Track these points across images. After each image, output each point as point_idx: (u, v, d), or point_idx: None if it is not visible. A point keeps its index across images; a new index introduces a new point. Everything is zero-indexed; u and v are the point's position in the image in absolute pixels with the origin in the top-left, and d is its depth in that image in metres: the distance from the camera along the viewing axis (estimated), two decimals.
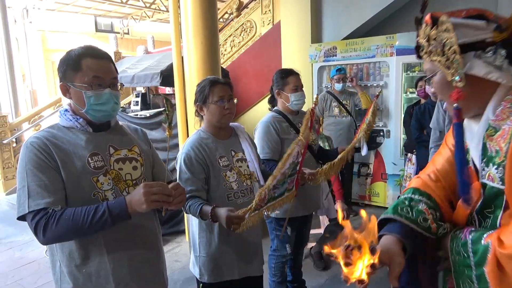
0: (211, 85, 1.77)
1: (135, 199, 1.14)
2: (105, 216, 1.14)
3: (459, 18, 0.89)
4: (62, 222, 1.13)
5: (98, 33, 13.26)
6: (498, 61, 0.86)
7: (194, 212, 1.62)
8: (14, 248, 4.09)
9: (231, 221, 1.48)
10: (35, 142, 1.20)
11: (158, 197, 1.14)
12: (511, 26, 0.86)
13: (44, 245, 1.22)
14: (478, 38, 0.88)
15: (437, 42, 0.90)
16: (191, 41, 3.19)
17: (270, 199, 1.58)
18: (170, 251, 3.74)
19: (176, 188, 1.20)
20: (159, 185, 1.16)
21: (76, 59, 1.23)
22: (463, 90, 0.87)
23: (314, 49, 4.89)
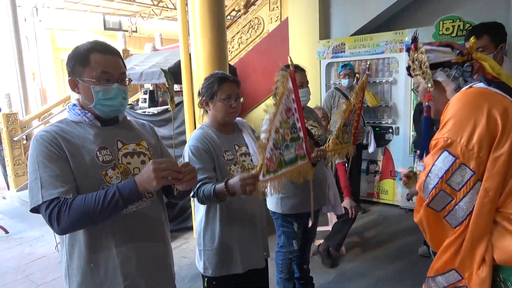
0: (220, 83, 1.76)
1: (144, 177, 1.13)
2: (116, 198, 1.13)
3: (433, 46, 1.37)
4: (74, 209, 1.12)
5: (107, 31, 13.33)
6: (457, 73, 1.32)
7: (208, 194, 1.57)
8: (24, 244, 4.14)
9: (245, 182, 1.41)
10: (45, 135, 1.20)
11: (167, 173, 1.12)
12: (468, 53, 1.33)
13: (61, 234, 1.21)
14: (446, 59, 1.34)
15: (417, 62, 1.38)
16: (199, 38, 3.19)
17: (282, 163, 1.51)
18: (178, 247, 3.76)
19: (186, 166, 1.19)
20: (168, 161, 1.15)
21: (85, 54, 1.24)
22: (432, 94, 1.38)
23: (322, 46, 4.86)
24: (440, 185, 1.16)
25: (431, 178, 1.18)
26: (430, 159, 1.20)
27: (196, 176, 1.23)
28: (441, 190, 1.16)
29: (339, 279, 3.04)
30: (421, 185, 1.23)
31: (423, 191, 1.22)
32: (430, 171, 1.18)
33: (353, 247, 3.58)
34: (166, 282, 1.44)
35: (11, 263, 3.67)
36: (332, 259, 3.28)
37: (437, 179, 1.16)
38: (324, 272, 3.15)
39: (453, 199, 1.16)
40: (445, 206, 1.18)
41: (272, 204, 2.42)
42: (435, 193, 1.17)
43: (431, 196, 1.18)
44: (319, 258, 3.33)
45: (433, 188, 1.17)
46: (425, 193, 1.21)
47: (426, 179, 1.20)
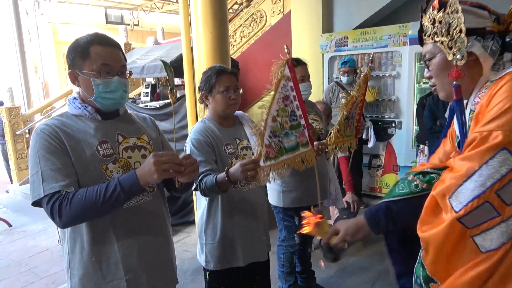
0: (218, 75, 1.75)
1: (145, 170, 1.13)
2: (117, 191, 1.13)
3: (465, 5, 1.00)
4: (76, 202, 1.12)
5: (109, 25, 13.30)
6: (494, 46, 0.99)
7: (210, 185, 1.56)
8: (27, 237, 4.17)
9: (246, 168, 1.42)
10: (45, 129, 1.20)
11: (168, 166, 1.11)
12: (507, 21, 1.00)
13: (63, 228, 1.21)
14: (480, 25, 1.00)
15: (442, 24, 1.00)
16: (201, 32, 3.16)
17: (282, 150, 1.50)
18: (180, 241, 3.77)
19: (187, 158, 1.18)
20: (169, 154, 1.15)
21: (85, 47, 1.22)
22: (461, 69, 0.98)
23: (325, 39, 4.82)
24: (488, 194, 0.84)
25: (474, 185, 0.86)
26: (471, 160, 0.87)
27: (198, 168, 1.23)
28: (487, 202, 0.85)
29: (340, 273, 3.05)
30: (447, 192, 0.90)
31: (452, 198, 0.89)
32: (473, 175, 0.86)
33: (355, 241, 3.58)
34: (168, 275, 1.44)
35: (14, 256, 3.70)
36: (334, 253, 3.28)
37: (483, 188, 0.84)
38: (326, 266, 3.15)
39: (499, 216, 0.85)
40: (482, 223, 0.87)
41: (273, 198, 2.42)
42: (477, 205, 0.85)
43: (469, 208, 0.86)
44: (321, 252, 3.33)
45: (476, 198, 0.85)
46: (457, 203, 0.88)
47: (463, 185, 0.88)
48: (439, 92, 1.11)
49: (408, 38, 4.23)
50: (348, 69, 4.13)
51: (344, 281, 2.92)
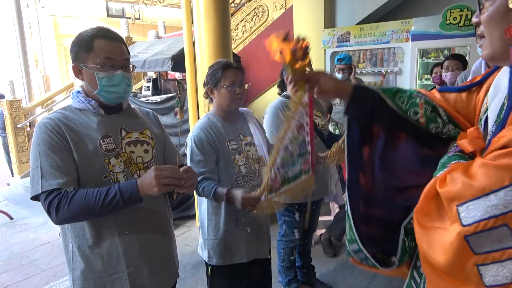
0: (224, 69, 1.75)
1: (146, 182, 1.15)
2: (117, 198, 1.15)
3: None
4: (74, 203, 1.14)
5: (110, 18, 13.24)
6: None
7: (208, 194, 1.62)
8: (28, 230, 4.19)
9: (246, 203, 1.47)
10: (48, 123, 1.20)
11: (169, 181, 1.14)
12: None
13: (58, 225, 1.23)
14: None
15: None
16: (203, 26, 3.15)
17: (285, 180, 1.49)
18: (181, 235, 3.78)
19: (187, 172, 1.20)
20: (170, 168, 1.16)
21: (88, 40, 1.22)
22: None
23: (327, 35, 4.81)
24: (509, 218, 0.66)
25: (497, 203, 0.67)
26: (501, 171, 0.67)
27: (196, 180, 1.26)
28: (506, 226, 0.66)
29: (340, 268, 3.06)
30: (458, 199, 0.72)
31: (461, 207, 0.71)
32: (499, 191, 0.67)
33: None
34: (169, 269, 1.45)
35: (15, 249, 3.72)
36: (333, 249, 3.29)
37: (506, 209, 0.66)
38: (326, 261, 3.17)
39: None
40: (493, 251, 0.68)
41: None
42: (492, 226, 0.67)
43: (481, 227, 0.68)
44: (321, 248, 3.35)
45: (494, 217, 0.67)
46: (468, 216, 0.70)
47: (481, 199, 0.69)
48: (483, 50, 0.84)
49: (411, 34, 4.22)
50: (343, 67, 3.94)
51: (343, 276, 2.94)
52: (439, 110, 1.06)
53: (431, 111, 1.05)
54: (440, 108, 1.06)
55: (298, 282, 2.65)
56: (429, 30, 4.14)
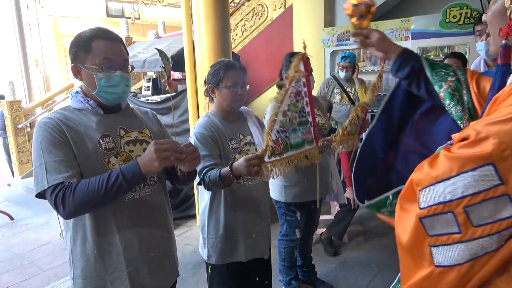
0: (226, 69, 1.74)
1: (146, 158, 1.13)
2: (119, 180, 1.13)
3: None
4: (78, 192, 1.13)
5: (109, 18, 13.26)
6: None
7: (214, 178, 1.56)
8: (29, 230, 4.19)
9: (250, 163, 1.41)
10: (48, 122, 1.21)
11: (169, 154, 1.12)
12: None
13: (67, 218, 1.22)
14: None
15: None
16: (202, 26, 3.15)
17: (288, 146, 1.49)
18: (181, 235, 3.79)
19: (188, 146, 1.19)
20: (169, 141, 1.15)
21: (87, 41, 1.23)
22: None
23: (327, 33, 4.80)
24: (454, 206, 0.72)
25: (445, 190, 0.73)
26: (453, 162, 0.73)
27: (199, 156, 1.23)
28: (451, 213, 0.74)
29: (341, 267, 3.06)
30: (420, 184, 0.79)
31: (422, 192, 0.78)
32: (448, 179, 0.73)
33: (356, 235, 3.60)
34: (169, 268, 1.45)
35: (16, 249, 3.72)
36: (334, 248, 3.29)
37: (452, 197, 0.72)
38: (326, 260, 3.17)
39: (459, 233, 0.73)
40: (442, 234, 0.76)
41: (275, 193, 2.43)
42: (441, 211, 0.75)
43: (432, 211, 0.75)
44: (322, 247, 3.35)
45: (441, 203, 0.74)
46: (425, 200, 0.77)
47: (435, 185, 0.75)
48: (490, 46, 0.87)
49: (411, 32, 4.22)
50: (348, 64, 3.93)
51: (344, 275, 2.94)
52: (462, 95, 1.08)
53: (454, 89, 1.09)
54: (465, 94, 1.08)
55: (299, 281, 2.66)
56: (429, 28, 4.14)
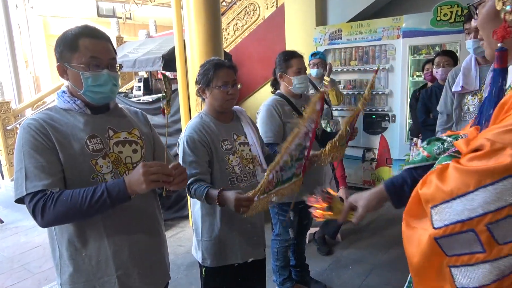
0: (216, 69, 1.71)
1: (134, 179, 1.11)
2: (104, 197, 1.11)
3: None
4: (60, 204, 1.10)
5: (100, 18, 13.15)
6: None
7: (199, 196, 1.57)
8: (19, 233, 4.13)
9: (240, 204, 1.42)
10: (32, 123, 1.17)
11: (157, 177, 1.10)
12: None
13: (43, 227, 1.19)
14: None
15: None
16: (193, 25, 3.13)
17: (278, 182, 1.50)
18: (174, 236, 3.75)
19: (177, 168, 1.17)
20: (158, 164, 1.13)
21: (73, 39, 1.20)
22: (511, 26, 0.73)
23: (319, 32, 4.80)
24: (475, 224, 0.66)
25: (463, 208, 0.67)
26: (468, 176, 0.67)
27: (186, 177, 1.22)
28: (472, 231, 0.67)
29: (334, 266, 3.06)
30: (431, 200, 0.72)
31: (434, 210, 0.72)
32: (464, 195, 0.67)
33: (349, 234, 3.60)
34: (160, 271, 1.42)
35: (6, 253, 3.66)
36: (327, 247, 3.29)
37: (472, 214, 0.66)
38: (320, 259, 3.16)
39: (483, 252, 0.66)
40: (462, 254, 0.69)
41: None
42: (459, 230, 0.68)
43: (449, 230, 0.69)
44: (315, 246, 3.34)
45: (460, 222, 0.67)
46: (439, 219, 0.70)
47: (450, 203, 0.69)
48: (485, 49, 0.85)
49: (402, 31, 4.23)
50: (318, 61, 3.72)
51: (338, 274, 2.93)
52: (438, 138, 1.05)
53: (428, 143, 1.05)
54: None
55: (292, 281, 2.65)
56: (420, 26, 4.16)
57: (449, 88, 2.58)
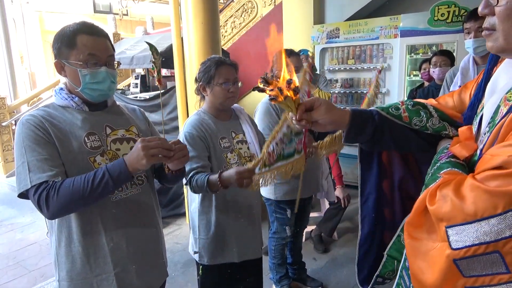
0: (217, 66, 1.71)
1: (133, 156, 1.11)
2: (105, 179, 1.11)
3: None
4: (63, 192, 1.10)
5: (97, 14, 13.05)
6: None
7: (201, 184, 1.55)
8: (15, 230, 4.11)
9: (241, 176, 1.39)
10: (31, 119, 1.17)
11: (157, 151, 1.10)
12: None
13: (51, 219, 1.19)
14: None
15: None
16: (191, 22, 3.11)
17: (280, 156, 1.47)
18: (171, 233, 3.75)
19: (177, 144, 1.16)
20: (157, 139, 1.13)
21: (71, 36, 1.19)
22: None
23: (317, 31, 4.80)
24: (501, 246, 0.63)
25: (489, 230, 0.64)
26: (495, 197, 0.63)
27: (188, 153, 1.21)
28: (496, 253, 0.64)
29: (331, 264, 3.07)
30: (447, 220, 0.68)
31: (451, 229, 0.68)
32: (492, 217, 0.63)
33: (345, 232, 3.61)
34: (158, 269, 1.43)
35: (1, 250, 3.64)
36: (324, 245, 3.30)
37: (498, 236, 0.63)
38: (316, 257, 3.17)
39: (507, 273, 0.65)
40: (482, 276, 0.66)
41: (266, 190, 2.41)
42: (483, 252, 0.65)
43: (471, 252, 0.65)
44: (312, 244, 3.35)
45: (485, 244, 0.64)
46: (458, 240, 0.67)
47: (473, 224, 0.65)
48: (493, 41, 0.79)
49: (399, 30, 4.24)
50: (302, 57, 3.85)
51: (334, 272, 2.95)
52: (426, 105, 1.04)
53: (413, 105, 1.04)
54: (428, 105, 1.05)
55: (289, 278, 2.65)
56: (418, 26, 4.17)
57: (447, 88, 2.59)
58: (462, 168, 0.79)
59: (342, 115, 1.00)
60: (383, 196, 1.21)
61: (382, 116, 1.03)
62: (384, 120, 1.02)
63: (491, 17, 0.77)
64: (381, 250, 1.17)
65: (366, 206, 1.23)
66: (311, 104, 0.97)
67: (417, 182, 1.14)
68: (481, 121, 0.85)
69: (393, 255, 1.11)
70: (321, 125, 0.98)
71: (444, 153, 0.89)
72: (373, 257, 1.22)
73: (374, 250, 1.22)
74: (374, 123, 1.01)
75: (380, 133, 1.02)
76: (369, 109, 1.05)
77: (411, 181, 1.17)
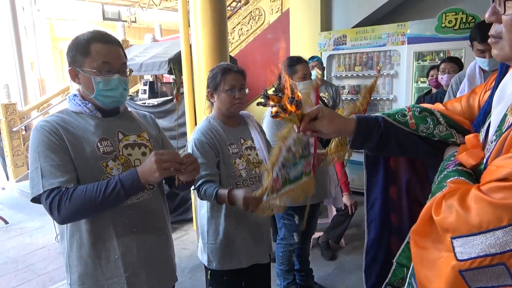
0: (224, 73, 1.74)
1: (146, 168, 1.14)
2: (118, 188, 1.13)
3: None
4: (75, 198, 1.12)
5: (106, 22, 13.23)
6: None
7: (209, 196, 1.59)
8: (24, 234, 4.15)
9: (248, 203, 1.44)
10: (45, 125, 1.20)
11: (169, 165, 1.13)
12: None
13: (61, 224, 1.21)
14: None
15: None
16: (200, 29, 3.15)
17: (286, 181, 1.47)
18: (178, 239, 3.76)
19: (188, 157, 1.19)
20: (170, 153, 1.16)
21: (85, 44, 1.22)
22: None
23: (324, 37, 4.82)
24: (507, 258, 0.63)
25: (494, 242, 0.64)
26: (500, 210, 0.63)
27: (198, 167, 1.24)
28: (501, 265, 0.64)
29: (338, 271, 3.06)
30: (452, 231, 0.69)
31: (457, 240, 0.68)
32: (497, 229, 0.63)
33: (353, 239, 3.60)
34: (167, 273, 1.44)
35: (11, 254, 3.68)
36: (331, 252, 3.29)
37: (504, 248, 0.63)
38: (323, 264, 3.16)
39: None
40: (488, 287, 0.67)
41: None
42: (489, 264, 0.65)
43: (476, 264, 0.66)
44: (319, 251, 3.34)
45: (490, 256, 0.64)
46: (463, 251, 0.67)
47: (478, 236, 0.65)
48: (499, 50, 0.78)
49: (407, 37, 4.25)
50: (315, 64, 3.79)
51: (341, 279, 2.93)
52: (433, 112, 1.05)
53: (420, 112, 1.04)
54: (436, 111, 1.05)
55: (296, 285, 2.65)
56: (425, 33, 4.17)
57: (452, 94, 2.59)
58: (468, 177, 0.79)
59: (346, 124, 1.01)
60: (389, 201, 1.21)
61: (388, 122, 1.03)
62: (390, 127, 1.03)
63: (497, 25, 0.77)
64: (388, 256, 1.17)
65: (372, 212, 1.24)
66: (315, 114, 1.00)
67: (424, 186, 1.15)
68: (489, 128, 0.85)
69: (402, 262, 1.11)
70: (326, 134, 1.02)
71: (451, 161, 0.89)
72: (380, 263, 1.22)
73: (382, 256, 1.22)
74: (380, 130, 1.02)
75: (386, 139, 1.03)
76: (374, 116, 1.06)
77: (418, 185, 1.18)
